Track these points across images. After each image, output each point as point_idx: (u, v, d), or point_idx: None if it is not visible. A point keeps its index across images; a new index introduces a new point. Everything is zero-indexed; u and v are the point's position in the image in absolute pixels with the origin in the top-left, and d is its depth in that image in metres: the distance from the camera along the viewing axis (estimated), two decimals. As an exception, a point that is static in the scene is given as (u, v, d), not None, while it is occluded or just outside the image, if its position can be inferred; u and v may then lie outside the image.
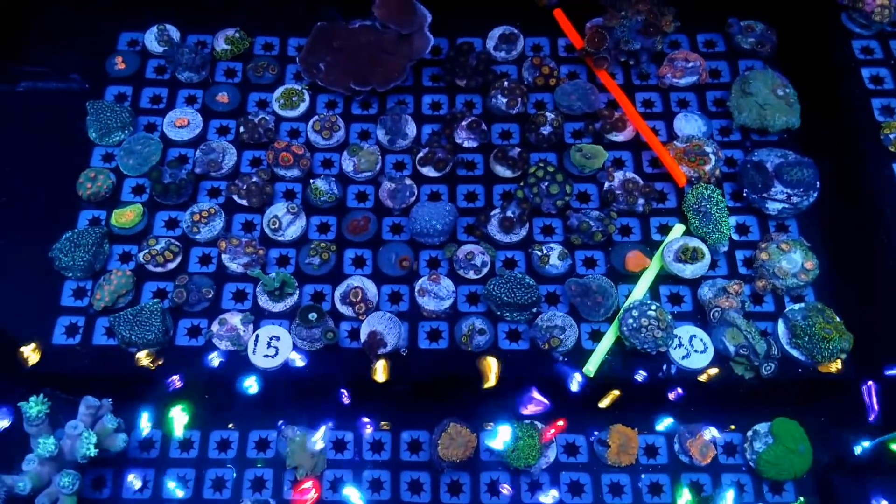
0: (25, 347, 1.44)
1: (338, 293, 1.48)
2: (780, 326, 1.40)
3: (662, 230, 1.55)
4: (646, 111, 1.69)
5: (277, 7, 1.87)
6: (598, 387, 1.43)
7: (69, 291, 1.51)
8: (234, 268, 1.50)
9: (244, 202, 1.58)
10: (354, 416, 1.49)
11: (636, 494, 1.42)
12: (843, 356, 1.36)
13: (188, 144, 1.67)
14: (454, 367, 1.45)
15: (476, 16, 1.83)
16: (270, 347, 1.42)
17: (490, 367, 1.42)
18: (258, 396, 1.45)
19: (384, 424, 1.47)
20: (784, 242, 1.44)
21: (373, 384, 1.45)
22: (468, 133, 1.66)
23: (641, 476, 1.44)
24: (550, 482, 1.44)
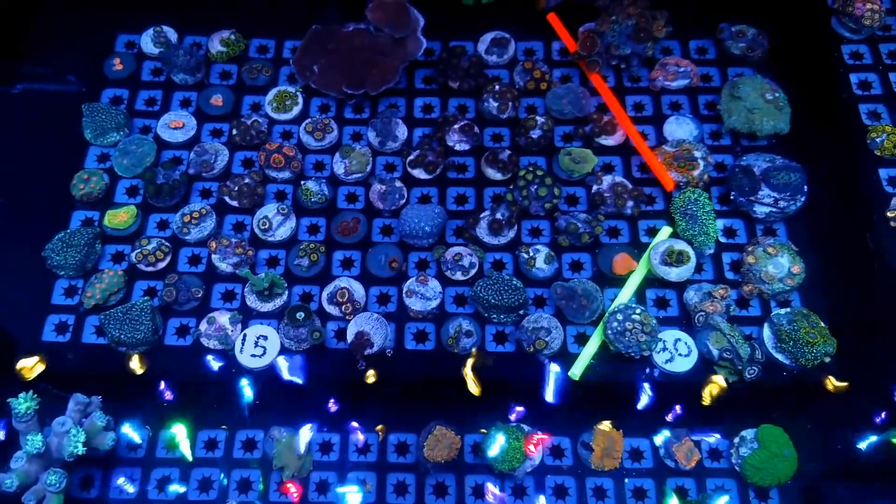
0: (27, 360, 1.46)
1: (325, 294, 1.49)
2: (766, 331, 1.40)
3: (650, 233, 1.55)
4: (637, 115, 1.70)
5: (274, 9, 1.89)
6: (585, 390, 1.44)
7: (60, 290, 1.53)
8: (224, 268, 1.51)
9: (235, 203, 1.59)
10: (343, 418, 1.50)
11: (620, 499, 1.41)
12: (827, 360, 1.36)
13: (182, 146, 1.69)
14: (442, 369, 1.46)
15: (471, 20, 1.85)
16: (258, 347, 1.43)
17: (468, 377, 1.43)
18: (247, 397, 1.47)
19: (379, 428, 1.48)
20: (771, 246, 1.44)
21: (362, 385, 1.46)
22: (460, 136, 1.67)
23: (626, 480, 1.44)
24: (535, 486, 1.44)
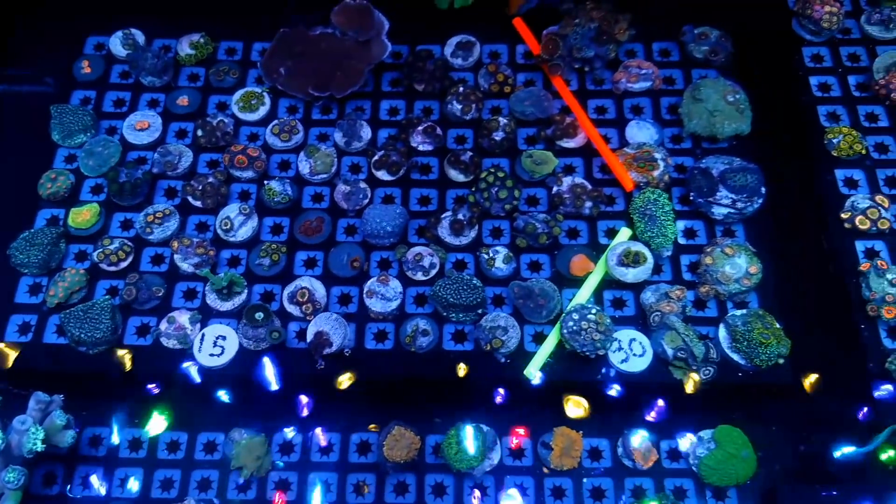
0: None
1: (286, 293, 1.50)
2: (721, 331, 1.41)
3: (610, 234, 1.56)
4: (599, 118, 1.71)
5: (244, 13, 1.91)
6: (546, 389, 1.44)
7: (25, 287, 1.54)
8: (185, 267, 1.52)
9: (199, 203, 1.60)
10: (303, 418, 1.51)
11: (578, 499, 1.42)
12: (781, 361, 1.37)
13: (147, 147, 1.70)
14: (403, 369, 1.47)
15: (439, 24, 1.86)
16: (216, 346, 1.44)
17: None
18: (210, 398, 1.48)
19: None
20: (729, 247, 1.45)
21: (325, 386, 1.47)
22: (423, 137, 1.68)
23: (584, 480, 1.44)
24: (494, 485, 1.45)
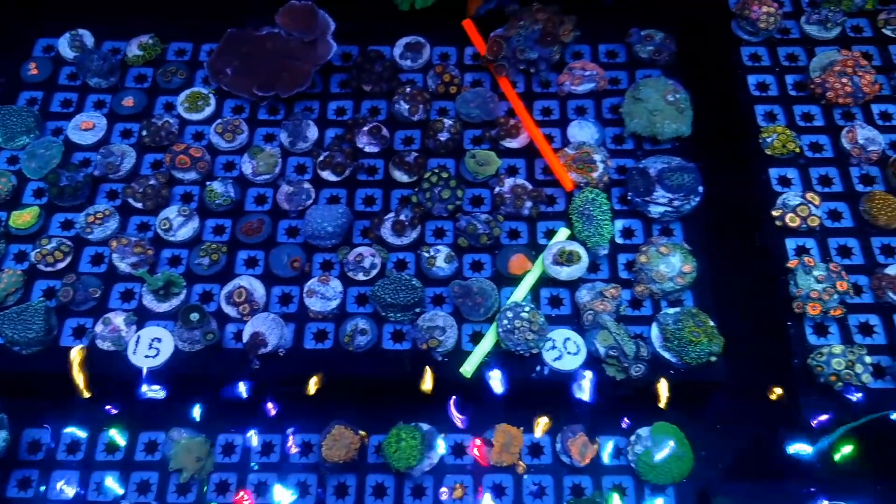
0: None
1: (223, 293, 1.50)
2: (654, 329, 1.42)
3: (550, 234, 1.57)
4: (543, 119, 1.72)
5: (193, 15, 1.91)
6: (477, 388, 1.45)
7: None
8: (123, 267, 1.52)
9: (139, 205, 1.60)
10: (245, 419, 1.51)
11: (517, 496, 1.42)
12: (714, 359, 1.38)
13: (91, 148, 1.70)
14: (343, 369, 1.47)
15: (393, 25, 1.86)
16: (151, 348, 1.44)
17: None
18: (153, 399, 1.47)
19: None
20: (664, 246, 1.46)
21: (266, 387, 1.47)
22: (369, 138, 1.69)
23: (524, 477, 1.45)
24: (434, 485, 1.45)
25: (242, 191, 1.64)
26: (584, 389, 1.40)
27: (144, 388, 1.43)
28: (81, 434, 1.47)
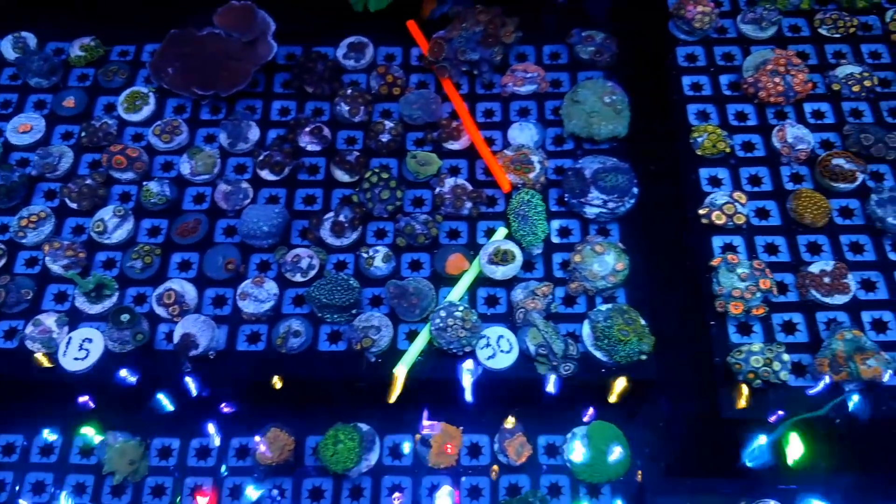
0: None
1: (154, 295, 1.49)
2: (585, 328, 1.42)
3: (489, 234, 1.57)
4: (486, 120, 1.72)
5: (138, 16, 1.90)
6: (412, 388, 1.45)
7: None
8: (56, 269, 1.50)
9: (75, 205, 1.59)
10: (181, 422, 1.50)
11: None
12: (644, 358, 1.39)
13: (29, 148, 1.69)
14: (277, 371, 1.46)
15: (341, 26, 1.86)
16: (82, 350, 1.42)
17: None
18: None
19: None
20: (598, 245, 1.47)
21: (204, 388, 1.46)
22: (311, 138, 1.68)
23: (462, 478, 1.44)
24: (372, 487, 1.44)
25: (180, 190, 1.63)
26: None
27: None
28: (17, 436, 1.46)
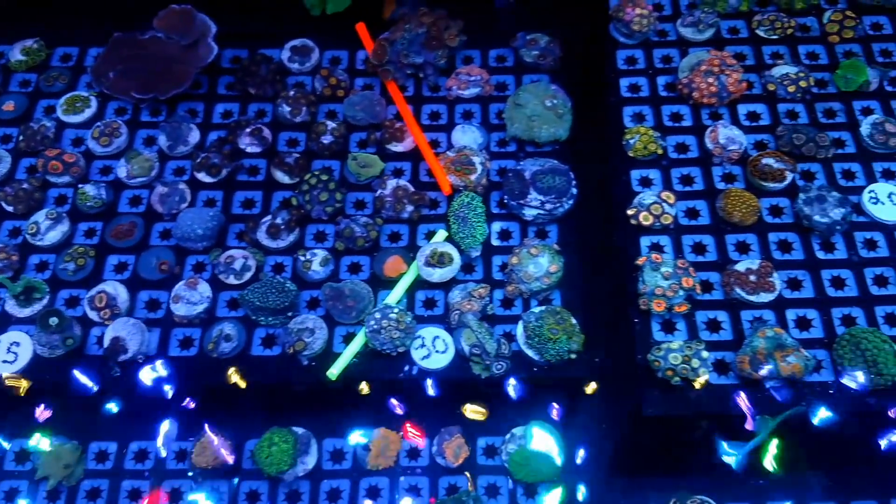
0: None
1: (86, 298, 1.47)
2: (519, 328, 1.42)
3: (430, 237, 1.56)
4: (432, 123, 1.72)
5: (83, 19, 1.89)
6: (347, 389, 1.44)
7: None
8: (-15, 273, 1.48)
9: (11, 209, 1.57)
10: (121, 425, 1.48)
11: (392, 498, 1.41)
12: (573, 356, 1.39)
13: (-35, 153, 1.67)
14: (209, 375, 1.44)
15: (289, 28, 1.86)
16: (10, 353, 1.40)
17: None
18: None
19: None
20: (534, 247, 1.47)
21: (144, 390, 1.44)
22: (251, 140, 1.68)
23: (401, 479, 1.43)
24: (310, 490, 1.43)
25: (116, 193, 1.62)
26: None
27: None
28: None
